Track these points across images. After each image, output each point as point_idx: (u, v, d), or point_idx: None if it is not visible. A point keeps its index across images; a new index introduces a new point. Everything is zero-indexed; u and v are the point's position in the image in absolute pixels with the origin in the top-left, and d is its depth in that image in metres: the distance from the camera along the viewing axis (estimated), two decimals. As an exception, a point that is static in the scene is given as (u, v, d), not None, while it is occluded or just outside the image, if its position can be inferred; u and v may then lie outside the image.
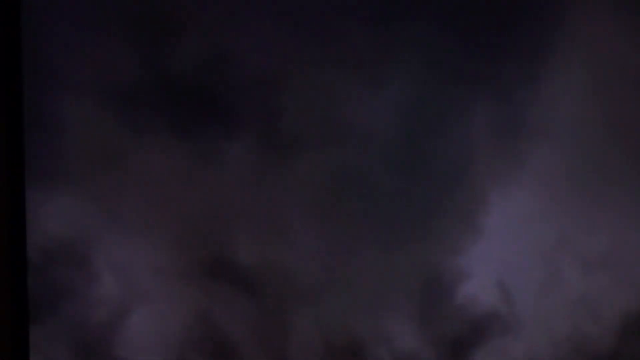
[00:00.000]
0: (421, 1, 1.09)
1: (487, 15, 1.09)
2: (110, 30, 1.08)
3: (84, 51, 1.08)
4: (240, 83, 1.09)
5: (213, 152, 1.09)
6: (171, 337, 1.09)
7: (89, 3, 1.08)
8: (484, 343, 1.10)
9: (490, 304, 1.10)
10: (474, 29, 1.09)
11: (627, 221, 1.10)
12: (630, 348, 1.10)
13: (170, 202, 1.09)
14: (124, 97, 1.08)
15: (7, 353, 1.06)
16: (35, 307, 1.09)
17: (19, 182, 1.08)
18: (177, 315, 1.09)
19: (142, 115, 1.09)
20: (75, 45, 1.08)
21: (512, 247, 1.10)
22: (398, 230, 1.10)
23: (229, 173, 1.09)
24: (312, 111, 1.09)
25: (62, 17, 1.08)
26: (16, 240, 1.07)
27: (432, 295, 1.10)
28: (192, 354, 1.10)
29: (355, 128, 1.09)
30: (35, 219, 1.09)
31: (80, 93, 1.08)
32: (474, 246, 1.10)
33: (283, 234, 1.09)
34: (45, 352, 1.09)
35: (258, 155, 1.09)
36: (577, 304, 1.10)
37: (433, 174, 1.10)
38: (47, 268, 1.09)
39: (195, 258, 1.09)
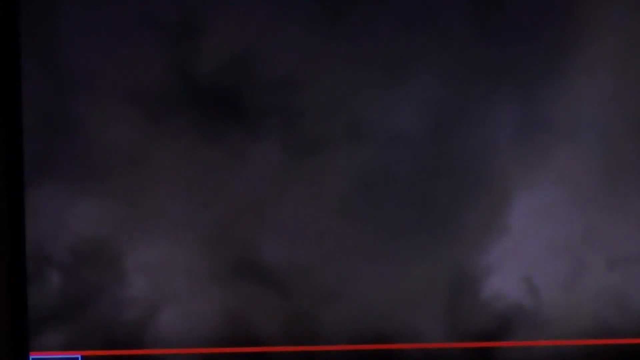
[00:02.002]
0: (444, -1, 1.09)
1: (511, 12, 1.09)
2: (132, 31, 1.09)
3: (108, 53, 1.09)
4: (264, 83, 1.09)
5: (238, 153, 1.10)
6: (200, 336, 1.11)
7: (111, 4, 1.09)
8: (509, 338, 1.11)
9: (515, 300, 1.11)
10: (498, 26, 1.09)
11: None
12: (657, 342, 1.10)
13: (196, 202, 1.10)
14: (149, 98, 1.09)
15: (7, 353, 1.09)
16: (67, 307, 1.11)
17: (18, 182, 1.09)
18: (206, 315, 1.10)
19: (167, 116, 1.09)
20: (99, 46, 1.09)
21: (537, 243, 1.10)
22: (423, 228, 1.10)
23: (254, 173, 1.10)
24: (336, 110, 1.09)
25: (84, 19, 1.09)
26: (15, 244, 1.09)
27: (458, 292, 1.10)
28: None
29: (379, 127, 1.09)
30: (64, 221, 1.10)
31: (105, 95, 1.09)
32: (499, 242, 1.10)
33: (309, 233, 1.10)
34: (77, 349, 1.11)
35: (283, 155, 1.09)
36: (603, 299, 1.10)
37: (457, 171, 1.10)
38: (77, 268, 1.11)
39: (222, 258, 1.10)
